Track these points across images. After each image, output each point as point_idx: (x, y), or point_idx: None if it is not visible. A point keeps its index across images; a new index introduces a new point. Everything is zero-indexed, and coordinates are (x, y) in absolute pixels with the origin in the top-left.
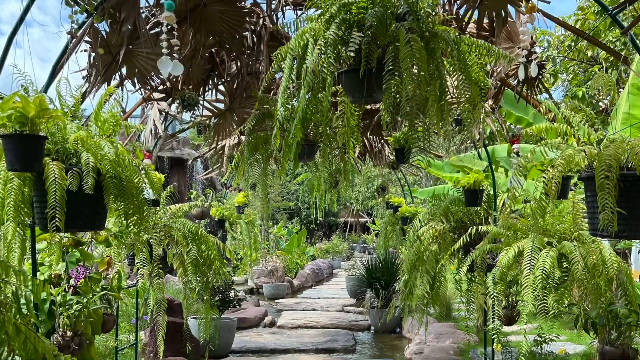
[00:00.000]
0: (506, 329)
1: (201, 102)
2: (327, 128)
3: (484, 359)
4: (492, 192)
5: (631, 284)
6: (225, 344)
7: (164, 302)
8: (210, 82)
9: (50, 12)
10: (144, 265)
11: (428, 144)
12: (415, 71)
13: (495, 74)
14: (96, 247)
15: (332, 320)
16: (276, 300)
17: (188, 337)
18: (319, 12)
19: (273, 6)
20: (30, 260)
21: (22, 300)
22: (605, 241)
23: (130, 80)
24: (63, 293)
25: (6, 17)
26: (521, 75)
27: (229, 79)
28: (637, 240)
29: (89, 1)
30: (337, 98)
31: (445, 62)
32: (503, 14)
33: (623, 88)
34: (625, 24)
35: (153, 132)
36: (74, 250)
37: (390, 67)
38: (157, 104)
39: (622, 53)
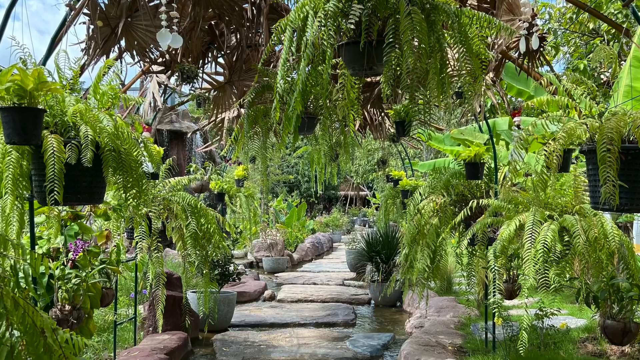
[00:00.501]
0: (507, 302)
1: (200, 74)
2: (327, 101)
3: (484, 333)
4: (493, 165)
5: (633, 258)
6: (225, 318)
7: (163, 276)
8: (210, 55)
9: None
10: (143, 239)
11: (429, 116)
12: (416, 44)
13: (496, 46)
14: (95, 220)
15: (332, 294)
16: (276, 274)
17: (187, 311)
18: None
19: None
20: (28, 234)
21: (21, 274)
22: (606, 214)
23: (129, 53)
24: (61, 267)
25: None
26: (522, 47)
27: (228, 52)
28: (639, 214)
29: None
30: (337, 71)
31: (446, 35)
32: None
33: (625, 61)
34: None
35: (152, 104)
36: (72, 223)
37: (391, 40)
38: (156, 76)
39: (624, 25)
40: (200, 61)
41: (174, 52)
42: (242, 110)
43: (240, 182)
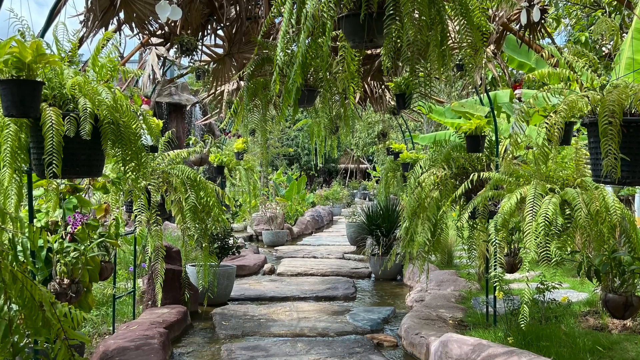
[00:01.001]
0: (508, 276)
1: (200, 47)
2: (327, 73)
3: (485, 307)
4: (494, 138)
5: (635, 231)
6: (224, 292)
7: (162, 250)
8: (209, 27)
9: None
10: (142, 212)
11: (429, 89)
12: (416, 16)
13: (497, 18)
14: (94, 193)
15: (332, 267)
16: (275, 248)
17: (186, 285)
18: None
19: None
20: (27, 207)
21: (19, 248)
22: (608, 188)
23: (128, 25)
24: (60, 240)
25: None
26: (523, 19)
27: (227, 24)
28: None
29: None
30: (338, 43)
31: (446, 7)
32: None
33: (626, 33)
34: None
35: (151, 77)
36: (71, 197)
37: (391, 12)
38: (155, 49)
39: None
40: (200, 33)
41: (173, 24)
42: (242, 83)
43: (240, 155)
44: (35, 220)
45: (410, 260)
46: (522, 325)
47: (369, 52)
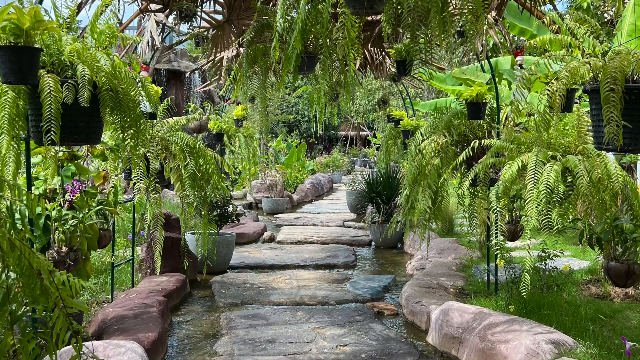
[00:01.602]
0: (509, 244)
1: (199, 13)
2: (327, 40)
3: (486, 275)
4: (495, 105)
5: (637, 199)
6: (224, 260)
7: (161, 217)
8: None
9: None
10: (141, 180)
11: (430, 56)
12: None
13: None
14: (92, 161)
15: (332, 235)
16: (275, 215)
17: (186, 253)
18: None
19: None
20: (25, 175)
21: (17, 215)
22: (610, 155)
23: None
24: (58, 208)
25: None
26: None
27: None
28: None
29: None
30: (338, 9)
31: None
32: None
33: None
34: None
35: (150, 44)
36: (69, 164)
37: None
38: (154, 15)
39: None
40: None
41: None
42: (241, 50)
43: (239, 122)
44: (33, 187)
45: (411, 228)
46: (523, 294)
47: (369, 18)
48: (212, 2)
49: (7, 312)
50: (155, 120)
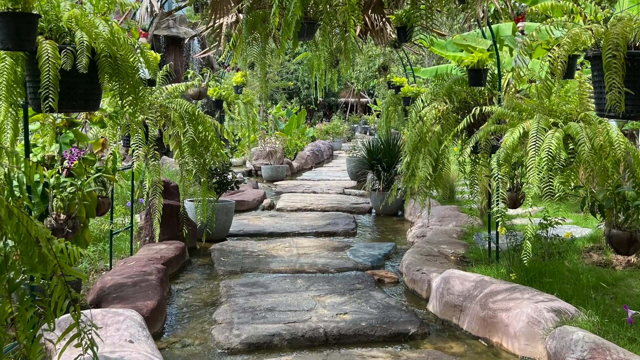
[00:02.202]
0: (511, 212)
1: None
2: (328, 6)
3: (488, 243)
4: (496, 72)
5: (639, 166)
6: (223, 228)
7: (160, 185)
8: None
9: None
10: (140, 147)
11: (431, 22)
12: None
13: None
14: (90, 128)
15: (332, 203)
16: (275, 183)
17: (185, 221)
18: None
19: None
20: (22, 142)
21: (15, 183)
22: (612, 122)
23: None
24: (56, 175)
25: None
26: None
27: None
28: None
29: None
30: None
31: None
32: None
33: None
34: None
35: (149, 10)
36: (67, 131)
37: None
38: None
39: None
40: None
41: None
42: (241, 16)
43: (239, 89)
44: (31, 154)
45: (412, 196)
46: (524, 262)
47: None
48: None
49: (5, 280)
50: (154, 87)
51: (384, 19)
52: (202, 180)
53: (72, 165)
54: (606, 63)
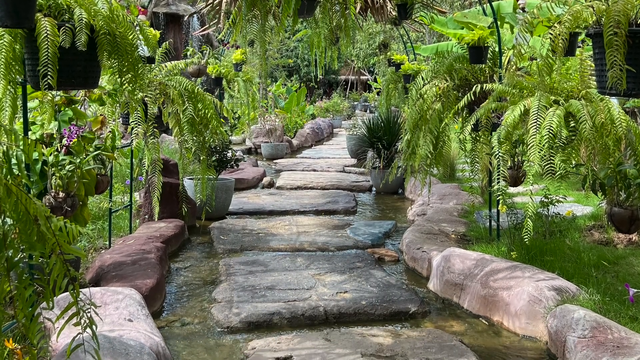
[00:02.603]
0: (511, 190)
1: None
2: None
3: (488, 221)
4: (497, 49)
5: None
6: (223, 206)
7: (159, 163)
8: None
9: None
10: (139, 124)
11: None
12: None
13: None
14: (89, 105)
15: (332, 181)
16: (275, 161)
17: (184, 199)
18: None
19: None
20: (21, 119)
21: (13, 161)
22: (613, 99)
23: None
24: (55, 153)
25: None
26: None
27: None
28: None
29: None
30: None
31: None
32: None
33: None
34: None
35: None
36: (66, 108)
37: None
38: None
39: None
40: None
41: None
42: None
43: (239, 67)
44: (30, 132)
45: (412, 174)
46: (525, 240)
47: None
48: None
49: (4, 259)
50: (153, 65)
51: None
52: (201, 158)
53: (71, 143)
54: (607, 40)
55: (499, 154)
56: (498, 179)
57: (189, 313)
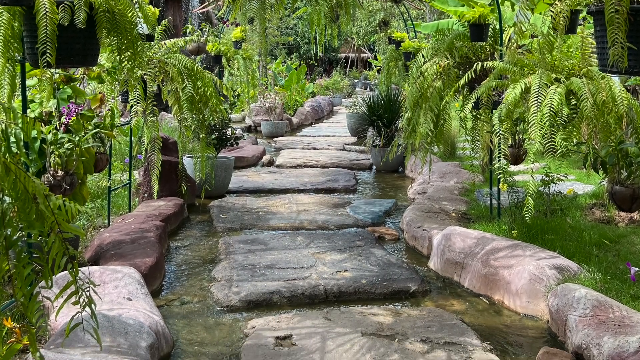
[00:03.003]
0: (512, 168)
1: None
2: None
3: (489, 199)
4: (498, 27)
5: None
6: (222, 184)
7: (158, 141)
8: None
9: None
10: (138, 102)
11: None
12: None
13: None
14: (88, 83)
15: (332, 159)
16: (274, 139)
17: (183, 177)
18: None
19: None
20: (20, 97)
21: (12, 139)
22: (615, 77)
23: None
24: (54, 131)
25: None
26: None
27: None
28: None
29: None
30: None
31: None
32: None
33: None
34: None
35: None
36: (65, 86)
37: None
38: None
39: None
40: None
41: None
42: None
43: (238, 44)
44: (28, 110)
45: (413, 152)
46: (526, 218)
47: None
48: None
49: (2, 237)
50: (152, 42)
51: None
52: (201, 136)
53: (70, 121)
54: (609, 18)
55: (500, 132)
56: (499, 157)
57: (189, 292)
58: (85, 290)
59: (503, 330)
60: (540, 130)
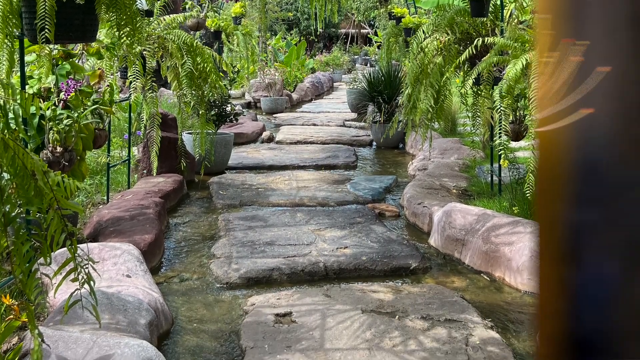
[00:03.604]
0: (513, 144)
1: None
2: None
3: (490, 176)
4: (499, 2)
5: None
6: (222, 160)
7: (157, 117)
8: None
9: None
10: (137, 78)
11: None
12: None
13: None
14: (87, 59)
15: (332, 135)
16: (274, 115)
17: (183, 153)
18: None
19: None
20: (18, 73)
21: (10, 115)
22: None
23: None
24: (53, 107)
25: None
26: None
27: None
28: None
29: None
30: None
31: None
32: None
33: None
34: None
35: None
36: (64, 62)
37: None
38: None
39: None
40: None
41: None
42: None
43: (238, 20)
44: (27, 86)
45: (413, 128)
46: (527, 195)
47: None
48: None
49: (1, 214)
50: (151, 18)
51: None
52: (200, 112)
53: (69, 97)
54: None
55: (501, 108)
56: (500, 133)
57: (188, 269)
58: (84, 267)
59: (504, 307)
60: None
